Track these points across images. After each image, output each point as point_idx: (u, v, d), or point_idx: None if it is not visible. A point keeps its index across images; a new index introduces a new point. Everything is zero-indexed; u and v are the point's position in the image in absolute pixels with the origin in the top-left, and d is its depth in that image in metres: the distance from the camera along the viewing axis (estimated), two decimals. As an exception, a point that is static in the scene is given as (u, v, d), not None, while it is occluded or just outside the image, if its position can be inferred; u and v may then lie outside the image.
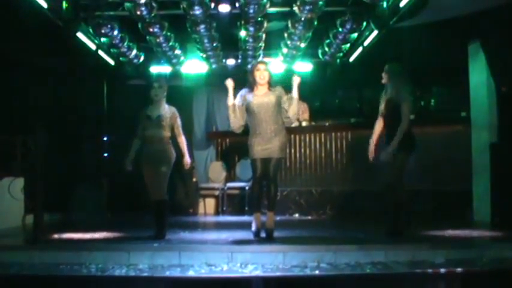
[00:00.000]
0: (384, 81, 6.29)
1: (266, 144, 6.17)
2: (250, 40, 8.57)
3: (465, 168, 8.23)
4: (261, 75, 6.25)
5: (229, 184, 10.23)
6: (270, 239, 6.09)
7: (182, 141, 6.58)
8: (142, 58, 9.72)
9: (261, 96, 6.26)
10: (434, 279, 4.71)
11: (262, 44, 8.92)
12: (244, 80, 6.43)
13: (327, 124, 9.97)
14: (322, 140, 9.77)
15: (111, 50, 9.06)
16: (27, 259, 5.35)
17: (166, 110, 6.52)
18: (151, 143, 6.43)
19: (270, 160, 6.20)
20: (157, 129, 6.43)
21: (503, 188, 7.39)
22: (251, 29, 8.11)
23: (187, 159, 6.59)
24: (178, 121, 6.56)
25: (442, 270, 4.79)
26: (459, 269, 4.79)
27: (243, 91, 6.36)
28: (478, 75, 8.12)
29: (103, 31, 8.12)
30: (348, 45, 8.99)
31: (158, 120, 6.44)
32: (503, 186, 7.40)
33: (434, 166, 8.52)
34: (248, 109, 6.26)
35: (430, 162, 8.45)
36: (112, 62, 9.51)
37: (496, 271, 4.88)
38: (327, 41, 8.89)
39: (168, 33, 8.43)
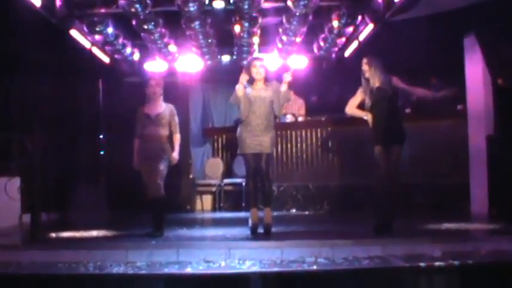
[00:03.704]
0: (366, 74, 6.27)
1: (257, 139, 6.19)
2: (245, 36, 8.56)
3: (462, 161, 8.24)
4: (257, 71, 6.28)
5: (226, 180, 10.23)
6: (267, 235, 6.10)
7: (177, 138, 6.54)
8: (137, 55, 9.69)
9: (258, 90, 6.30)
10: (432, 273, 4.71)
11: (257, 40, 8.90)
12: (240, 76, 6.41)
13: (323, 119, 9.96)
14: (319, 134, 9.76)
15: (106, 47, 9.02)
16: (25, 258, 5.32)
17: (165, 108, 6.50)
18: (150, 141, 6.41)
19: (261, 155, 6.23)
20: (156, 127, 6.41)
21: (500, 180, 7.41)
22: (246, 24, 8.09)
23: (175, 155, 6.49)
24: (176, 119, 6.54)
25: (440, 263, 4.79)
26: (457, 262, 4.79)
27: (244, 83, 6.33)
28: (474, 68, 8.13)
29: (97, 28, 8.09)
30: (343, 39, 8.98)
31: (157, 118, 6.42)
32: (500, 178, 7.42)
33: (431, 159, 8.52)
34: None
35: (427, 155, 8.46)
36: (107, 60, 9.47)
37: (493, 264, 4.88)
38: (322, 35, 8.87)
39: (163, 30, 8.40)
